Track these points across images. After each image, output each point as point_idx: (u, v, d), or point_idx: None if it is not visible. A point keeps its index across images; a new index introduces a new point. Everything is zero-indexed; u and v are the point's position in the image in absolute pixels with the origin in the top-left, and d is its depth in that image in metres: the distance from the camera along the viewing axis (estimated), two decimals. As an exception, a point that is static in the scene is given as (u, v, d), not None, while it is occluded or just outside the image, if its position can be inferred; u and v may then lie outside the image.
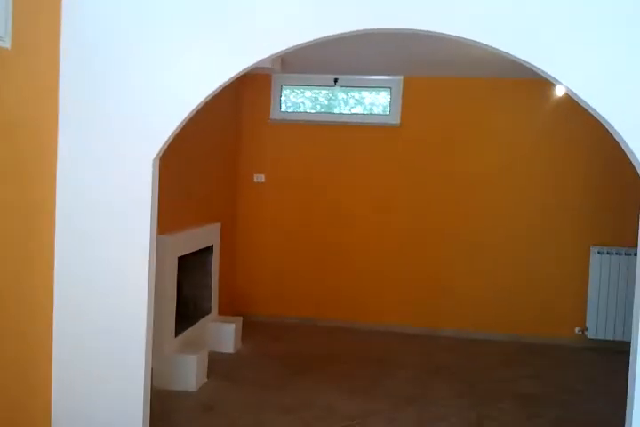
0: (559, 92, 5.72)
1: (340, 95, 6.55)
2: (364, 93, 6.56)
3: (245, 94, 6.40)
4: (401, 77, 6.24)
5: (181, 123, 3.04)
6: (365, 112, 6.55)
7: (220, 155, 5.89)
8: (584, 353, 5.94)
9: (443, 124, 6.26)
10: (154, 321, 3.13)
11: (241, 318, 5.68)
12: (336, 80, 6.30)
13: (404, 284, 6.37)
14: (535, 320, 6.17)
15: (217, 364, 5.01)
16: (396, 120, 6.28)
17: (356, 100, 6.62)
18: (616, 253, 5.94)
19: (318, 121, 6.42)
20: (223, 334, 5.37)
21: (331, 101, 6.60)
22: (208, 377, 4.75)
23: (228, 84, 3.06)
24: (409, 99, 6.27)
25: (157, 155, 3.07)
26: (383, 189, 6.36)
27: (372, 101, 6.58)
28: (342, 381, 4.92)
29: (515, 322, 6.19)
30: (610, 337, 5.95)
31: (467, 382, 5.01)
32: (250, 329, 5.88)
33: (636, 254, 5.84)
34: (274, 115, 6.44)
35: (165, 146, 3.09)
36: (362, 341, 6.07)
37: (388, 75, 6.25)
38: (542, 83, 6.12)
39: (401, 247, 6.37)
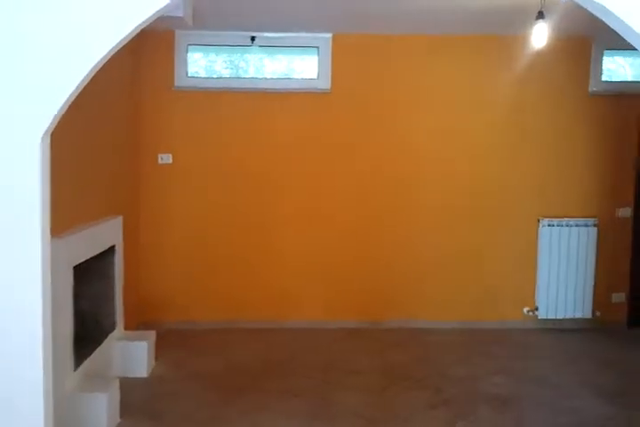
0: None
1: (259, 57, 5.53)
2: (288, 54, 5.58)
3: (144, 56, 5.25)
4: (330, 35, 5.35)
5: (80, 84, 2.24)
6: (290, 76, 5.57)
7: (116, 131, 4.75)
8: (538, 336, 5.51)
9: (379, 88, 5.49)
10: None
11: (154, 333, 4.66)
12: (253, 38, 5.30)
13: (338, 273, 5.58)
14: (482, 303, 5.65)
15: (129, 395, 3.98)
16: (326, 85, 5.41)
17: (279, 62, 5.63)
18: (566, 225, 5.51)
19: (234, 88, 5.40)
20: (134, 354, 4.35)
21: (248, 64, 5.58)
22: (121, 416, 3.74)
23: (124, 45, 2.32)
24: (340, 60, 5.39)
25: (47, 130, 2.24)
26: (314, 167, 5.47)
27: (298, 64, 5.63)
28: (287, 401, 4.07)
29: (460, 307, 5.65)
30: (560, 316, 5.58)
31: (431, 386, 4.33)
32: (163, 342, 4.88)
33: (586, 225, 5.51)
34: (179, 81, 5.35)
35: (58, 118, 2.27)
36: (298, 343, 5.22)
37: (315, 32, 5.33)
38: (489, 39, 5.57)
39: (333, 233, 5.56)
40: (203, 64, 5.60)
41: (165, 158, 5.37)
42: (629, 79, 5.72)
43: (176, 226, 5.46)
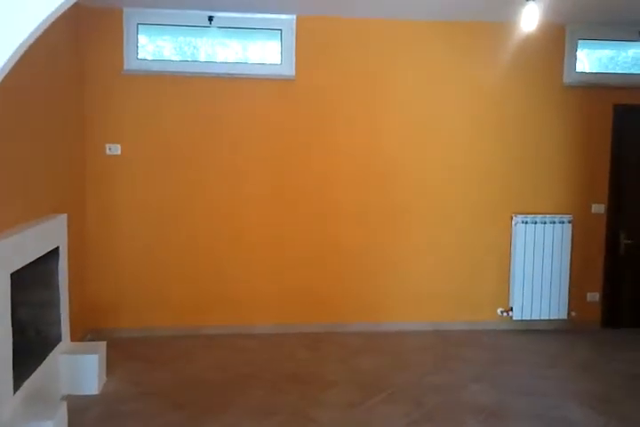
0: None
1: (218, 39, 5.07)
2: (248, 38, 5.14)
3: (90, 37, 4.71)
4: (294, 17, 4.95)
5: (7, 63, 1.85)
6: (251, 61, 5.13)
7: (60, 119, 4.24)
8: (513, 337, 5.26)
9: (346, 76, 5.11)
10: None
11: (104, 344, 4.17)
12: (211, 19, 4.84)
13: (300, 275, 5.19)
14: (454, 304, 5.38)
15: (78, 417, 3.51)
16: (290, 71, 5.00)
17: (237, 46, 5.18)
18: (540, 222, 5.29)
19: (189, 72, 4.93)
20: (82, 369, 3.86)
21: (199, 51, 5.10)
22: (70, 443, 3.26)
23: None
24: (305, 44, 4.98)
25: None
26: (275, 161, 5.05)
27: (259, 48, 5.19)
28: (260, 419, 3.65)
29: (430, 307, 5.36)
30: (535, 317, 5.36)
31: (411, 398, 3.98)
32: (115, 352, 4.42)
33: (561, 222, 5.32)
34: (129, 64, 4.84)
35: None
36: (263, 351, 4.82)
37: (278, 13, 4.91)
38: (463, 26, 5.29)
39: (296, 231, 5.16)
40: (150, 49, 5.07)
41: (114, 149, 4.86)
42: (587, 71, 5.46)
43: (125, 224, 4.96)
